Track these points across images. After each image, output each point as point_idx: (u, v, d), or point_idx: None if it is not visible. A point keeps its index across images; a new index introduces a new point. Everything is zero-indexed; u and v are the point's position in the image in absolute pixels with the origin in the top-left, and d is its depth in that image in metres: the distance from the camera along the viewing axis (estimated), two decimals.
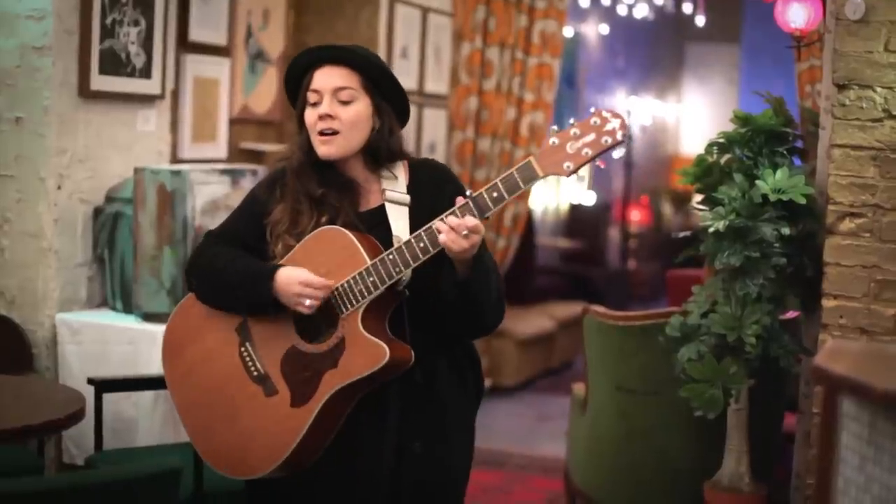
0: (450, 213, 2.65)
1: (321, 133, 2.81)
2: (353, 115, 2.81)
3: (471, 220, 2.62)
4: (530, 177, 2.63)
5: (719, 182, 3.90)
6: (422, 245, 2.68)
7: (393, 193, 2.85)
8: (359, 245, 2.75)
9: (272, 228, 2.88)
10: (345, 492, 2.82)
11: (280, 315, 2.82)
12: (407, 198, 2.85)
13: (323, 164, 2.86)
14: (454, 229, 2.62)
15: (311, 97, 2.83)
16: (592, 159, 2.61)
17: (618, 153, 2.62)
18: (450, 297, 2.74)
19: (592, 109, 2.63)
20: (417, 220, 2.80)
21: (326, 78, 2.82)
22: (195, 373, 2.93)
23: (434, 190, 2.87)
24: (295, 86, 2.90)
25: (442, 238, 2.64)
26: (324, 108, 2.80)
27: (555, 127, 2.66)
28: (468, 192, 2.66)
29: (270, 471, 2.81)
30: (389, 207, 2.83)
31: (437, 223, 2.66)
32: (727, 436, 3.99)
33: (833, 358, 2.27)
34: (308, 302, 2.75)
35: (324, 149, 2.82)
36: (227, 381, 2.87)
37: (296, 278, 2.76)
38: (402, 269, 2.70)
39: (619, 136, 2.58)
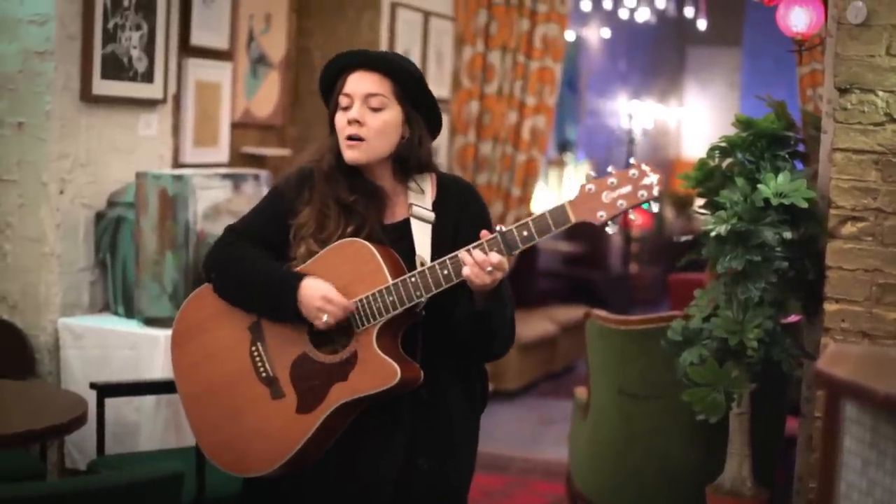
0: (476, 246, 2.64)
1: (348, 138, 2.80)
2: (380, 123, 2.79)
3: (496, 257, 2.62)
4: (562, 221, 2.63)
5: (721, 186, 3.90)
6: (445, 273, 2.68)
7: (419, 209, 2.85)
8: (381, 261, 2.75)
9: (297, 230, 2.87)
10: (346, 502, 2.82)
11: (295, 320, 2.82)
12: (431, 215, 2.85)
13: (352, 170, 2.85)
14: (479, 264, 2.62)
15: (343, 101, 2.82)
16: (626, 211, 2.61)
17: (653, 208, 2.62)
18: (465, 324, 2.75)
19: (633, 160, 2.63)
20: (439, 238, 2.81)
21: (358, 83, 2.80)
22: (203, 365, 2.93)
23: (459, 210, 2.87)
24: (328, 88, 2.89)
25: (466, 271, 2.63)
26: (353, 113, 2.79)
27: (592, 173, 2.66)
28: (498, 228, 2.65)
29: (269, 472, 2.82)
30: (414, 223, 2.83)
31: (462, 254, 2.65)
32: (729, 440, 3.99)
33: (835, 362, 2.27)
34: (325, 318, 2.75)
35: (349, 153, 2.81)
36: (234, 377, 2.88)
37: (319, 292, 2.75)
38: (423, 293, 2.70)
39: (655, 193, 2.59)
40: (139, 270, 4.49)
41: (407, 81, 2.82)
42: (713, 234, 3.76)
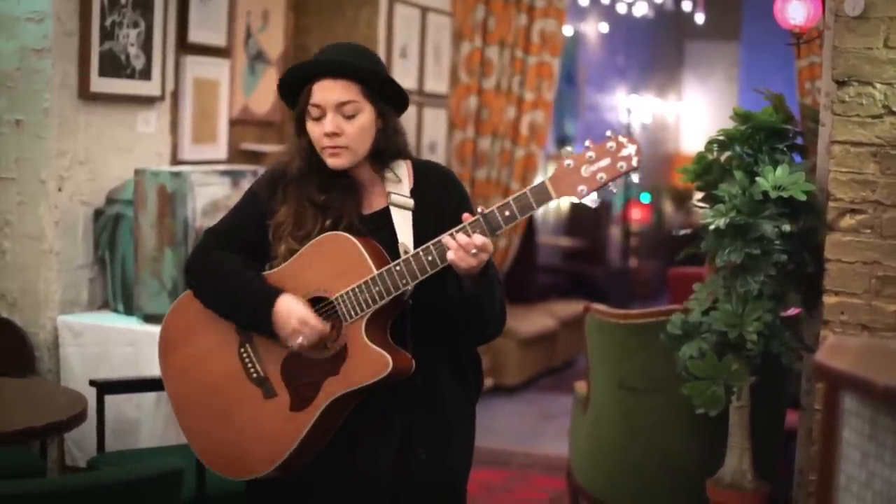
0: (460, 230, 2.63)
1: (329, 148, 2.77)
2: (357, 128, 2.77)
3: (479, 239, 2.61)
4: (544, 199, 2.62)
5: (720, 179, 3.90)
6: (430, 259, 2.67)
7: (397, 197, 2.83)
8: (364, 253, 2.73)
9: (275, 230, 2.85)
10: (345, 495, 2.82)
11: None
12: (411, 202, 2.83)
13: (323, 169, 2.82)
14: (463, 247, 2.61)
15: (314, 112, 2.78)
16: (607, 184, 2.60)
17: (634, 178, 2.61)
18: (454, 308, 2.74)
19: (609, 133, 2.62)
20: (421, 224, 2.79)
21: (328, 93, 2.76)
22: (193, 370, 2.92)
23: (439, 195, 2.86)
24: (290, 93, 2.84)
25: (450, 255, 2.62)
26: (329, 125, 2.75)
27: (569, 148, 2.65)
28: (479, 210, 2.65)
29: (266, 473, 2.82)
30: (394, 211, 2.82)
31: (446, 238, 2.64)
32: (729, 433, 3.99)
33: (834, 354, 2.27)
34: (300, 340, 2.74)
35: (333, 161, 2.79)
36: (225, 380, 2.87)
37: (295, 315, 2.74)
38: (409, 281, 2.69)
39: (634, 163, 2.58)
40: (138, 267, 4.49)
41: (372, 80, 2.78)
42: (712, 227, 3.76)
